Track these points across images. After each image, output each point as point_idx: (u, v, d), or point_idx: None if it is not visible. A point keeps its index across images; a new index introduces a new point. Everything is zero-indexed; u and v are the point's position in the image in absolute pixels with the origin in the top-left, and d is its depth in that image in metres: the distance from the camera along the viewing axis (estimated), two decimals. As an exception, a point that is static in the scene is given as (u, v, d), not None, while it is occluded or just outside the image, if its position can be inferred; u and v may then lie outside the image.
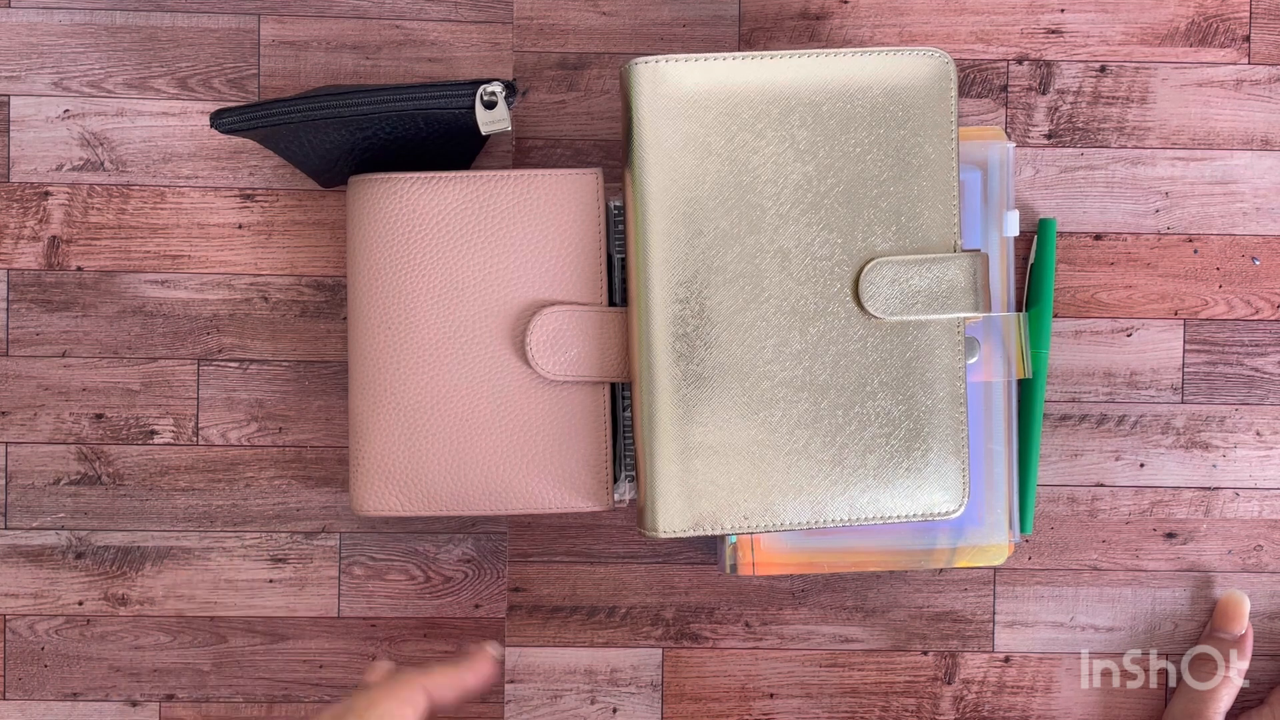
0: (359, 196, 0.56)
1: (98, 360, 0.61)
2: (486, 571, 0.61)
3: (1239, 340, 0.62)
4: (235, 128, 0.54)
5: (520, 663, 0.61)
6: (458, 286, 0.56)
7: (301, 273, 0.61)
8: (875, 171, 0.54)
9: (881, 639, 0.62)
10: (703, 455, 0.54)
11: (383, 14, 0.61)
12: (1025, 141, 0.62)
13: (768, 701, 0.62)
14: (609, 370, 0.56)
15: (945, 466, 0.55)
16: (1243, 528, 0.62)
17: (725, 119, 0.53)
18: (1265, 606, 0.62)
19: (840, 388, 0.54)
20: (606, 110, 0.61)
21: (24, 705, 0.61)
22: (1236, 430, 0.62)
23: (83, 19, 0.61)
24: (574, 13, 0.61)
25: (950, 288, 0.54)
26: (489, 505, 0.56)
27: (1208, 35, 0.62)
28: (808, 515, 0.54)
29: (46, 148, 0.60)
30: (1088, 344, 0.62)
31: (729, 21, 0.61)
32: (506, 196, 0.56)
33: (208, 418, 0.61)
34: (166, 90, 0.61)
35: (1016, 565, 0.62)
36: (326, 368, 0.61)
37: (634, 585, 0.62)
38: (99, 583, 0.61)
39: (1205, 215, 0.62)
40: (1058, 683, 0.62)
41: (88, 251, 0.61)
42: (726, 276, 0.54)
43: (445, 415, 0.56)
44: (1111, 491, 0.62)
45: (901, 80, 0.54)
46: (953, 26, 0.62)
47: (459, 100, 0.54)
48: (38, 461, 0.61)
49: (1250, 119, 0.62)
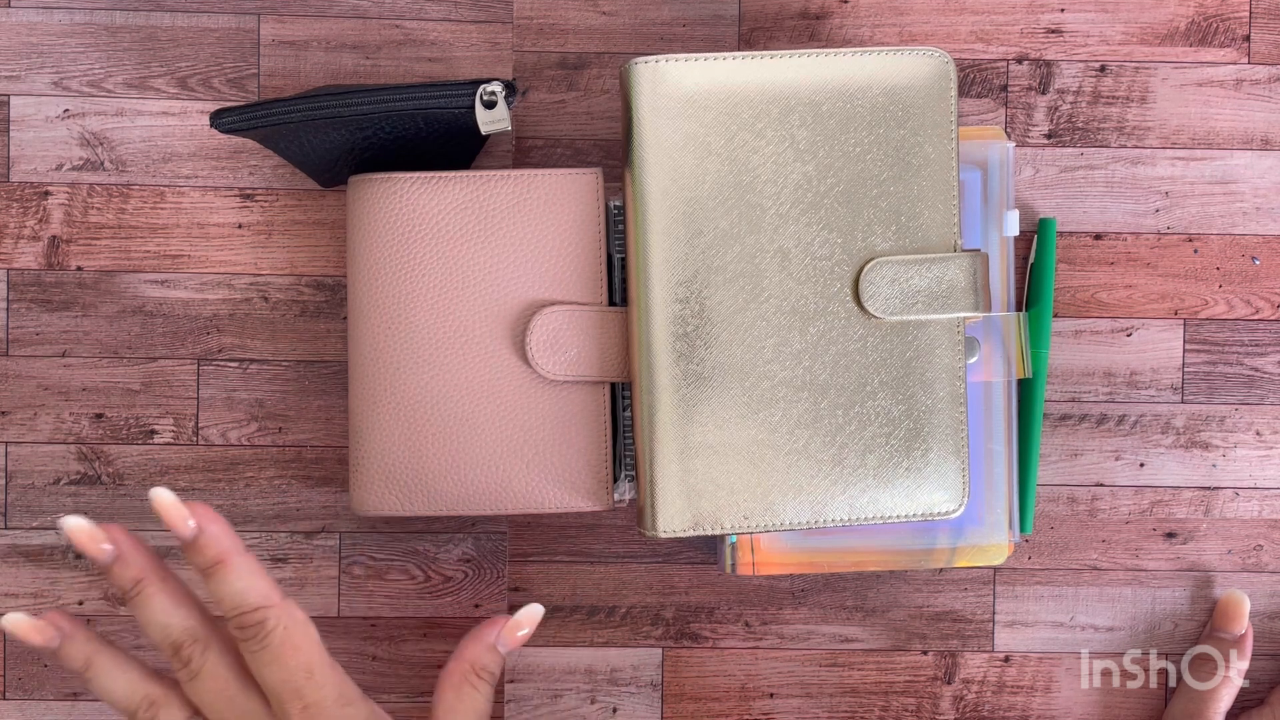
0: (359, 196, 0.56)
1: (98, 360, 0.61)
2: (486, 571, 0.61)
3: (1239, 340, 0.62)
4: (235, 128, 0.54)
5: (520, 662, 0.62)
6: (458, 286, 0.56)
7: (301, 272, 0.61)
8: (875, 171, 0.54)
9: (881, 639, 0.62)
10: (703, 455, 0.54)
11: (383, 14, 0.61)
12: (1025, 141, 0.62)
13: (768, 701, 0.62)
14: (609, 370, 0.56)
15: (945, 466, 0.55)
16: (1243, 527, 0.62)
17: (725, 119, 0.53)
18: (1265, 606, 0.62)
19: (840, 387, 0.54)
20: (606, 110, 0.61)
21: (24, 705, 0.61)
22: (1236, 430, 0.62)
23: (83, 19, 0.61)
24: (574, 13, 0.61)
25: (950, 287, 0.54)
26: (489, 505, 0.56)
27: (1208, 35, 0.62)
28: (808, 515, 0.54)
29: (46, 147, 0.60)
30: (1088, 344, 0.62)
31: (729, 21, 0.61)
32: (506, 196, 0.56)
33: (208, 417, 0.61)
34: (166, 90, 0.61)
35: (1016, 565, 0.62)
36: (326, 368, 0.61)
37: (634, 585, 0.62)
38: (99, 582, 0.61)
39: (1205, 215, 0.62)
40: (1058, 683, 0.62)
41: (88, 251, 0.61)
42: (726, 276, 0.54)
43: (445, 415, 0.56)
44: (1111, 491, 0.62)
45: (901, 80, 0.54)
46: (953, 26, 0.62)
47: (459, 100, 0.54)
48: (38, 461, 0.61)
49: (1250, 119, 0.62)
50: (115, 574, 0.46)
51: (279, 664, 0.45)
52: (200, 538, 0.46)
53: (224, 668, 0.46)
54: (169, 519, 0.45)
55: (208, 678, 0.46)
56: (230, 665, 0.46)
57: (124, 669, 0.47)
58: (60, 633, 0.47)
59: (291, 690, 0.45)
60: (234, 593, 0.45)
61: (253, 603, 0.45)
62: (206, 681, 0.46)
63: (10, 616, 0.46)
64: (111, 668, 0.47)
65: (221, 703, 0.46)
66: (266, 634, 0.45)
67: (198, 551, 0.46)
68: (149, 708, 0.46)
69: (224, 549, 0.46)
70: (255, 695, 0.46)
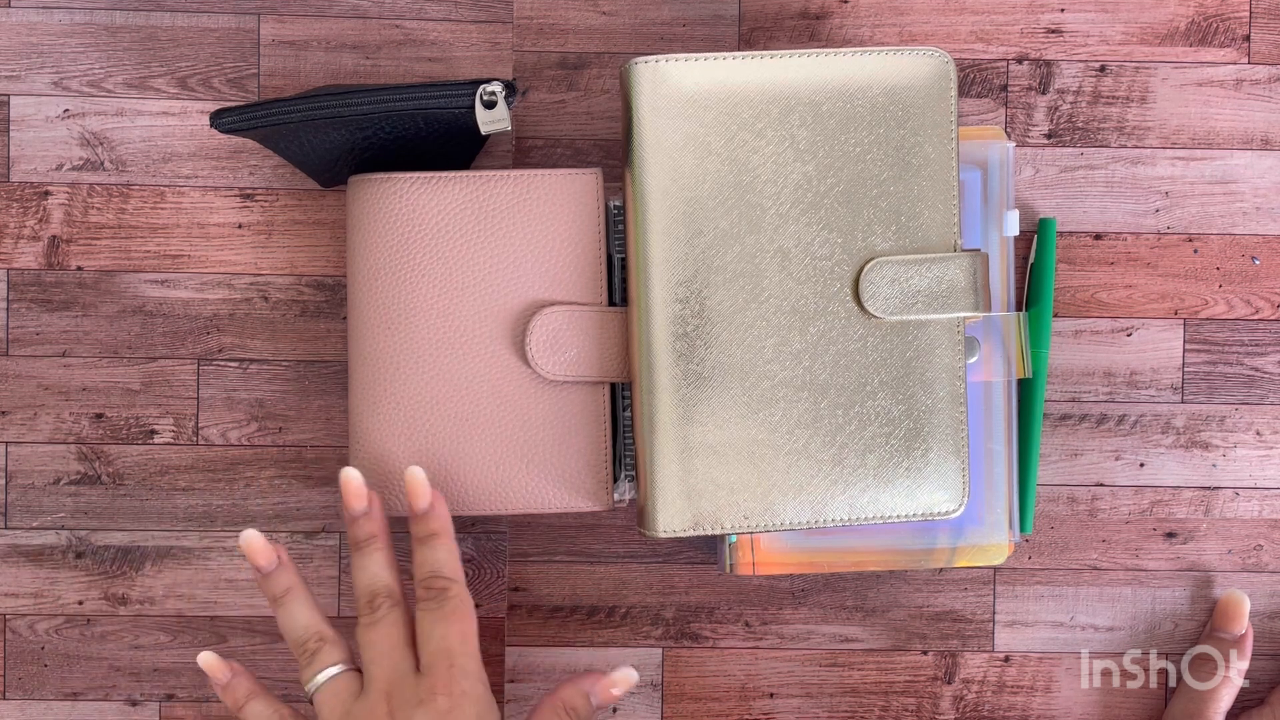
0: (359, 196, 0.56)
1: (98, 360, 0.61)
2: (486, 571, 0.61)
3: (1239, 340, 0.62)
4: (235, 127, 0.54)
5: (520, 662, 0.62)
6: (457, 286, 0.56)
7: (301, 272, 0.61)
8: (875, 171, 0.54)
9: (881, 639, 0.62)
10: (703, 455, 0.54)
11: (383, 14, 0.61)
12: (1025, 141, 0.62)
13: (768, 701, 0.62)
14: (609, 370, 0.56)
15: (945, 466, 0.55)
16: (1243, 527, 0.62)
17: (725, 119, 0.53)
18: (1265, 606, 0.62)
19: (840, 387, 0.54)
20: (606, 110, 0.61)
21: (24, 705, 0.61)
22: (1236, 430, 0.62)
23: (82, 19, 0.61)
24: (574, 12, 0.61)
25: (950, 287, 0.54)
26: (489, 505, 0.56)
27: (1208, 35, 0.62)
28: (808, 515, 0.54)
29: (46, 147, 0.60)
30: (1088, 344, 0.62)
31: (729, 21, 0.61)
32: (506, 196, 0.56)
33: (208, 417, 0.61)
34: (166, 90, 0.61)
35: (1016, 565, 0.62)
36: (326, 368, 0.61)
37: (634, 585, 0.62)
38: (99, 582, 0.61)
39: (1205, 215, 0.62)
40: (1058, 682, 0.62)
41: (88, 251, 0.61)
42: (726, 276, 0.54)
43: (445, 415, 0.56)
44: (1111, 491, 0.62)
45: (901, 80, 0.54)
46: (953, 26, 0.62)
47: (459, 100, 0.54)
48: (38, 461, 0.61)
49: (1250, 119, 0.62)
50: (359, 524, 0.54)
51: (444, 625, 0.52)
52: (431, 511, 0.54)
53: (399, 626, 0.53)
54: (413, 490, 0.54)
55: (384, 626, 0.53)
56: (404, 627, 0.53)
57: (311, 608, 0.54)
58: (279, 561, 0.54)
59: (445, 650, 0.52)
60: (436, 560, 0.53)
61: (446, 573, 0.53)
62: (381, 629, 0.53)
63: (247, 532, 0.53)
64: (302, 602, 0.54)
65: (383, 650, 0.52)
66: (447, 599, 0.52)
67: (424, 522, 0.54)
68: (317, 641, 0.53)
69: (443, 526, 0.54)
70: (410, 657, 0.52)
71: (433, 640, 0.52)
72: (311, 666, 0.53)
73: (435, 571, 0.53)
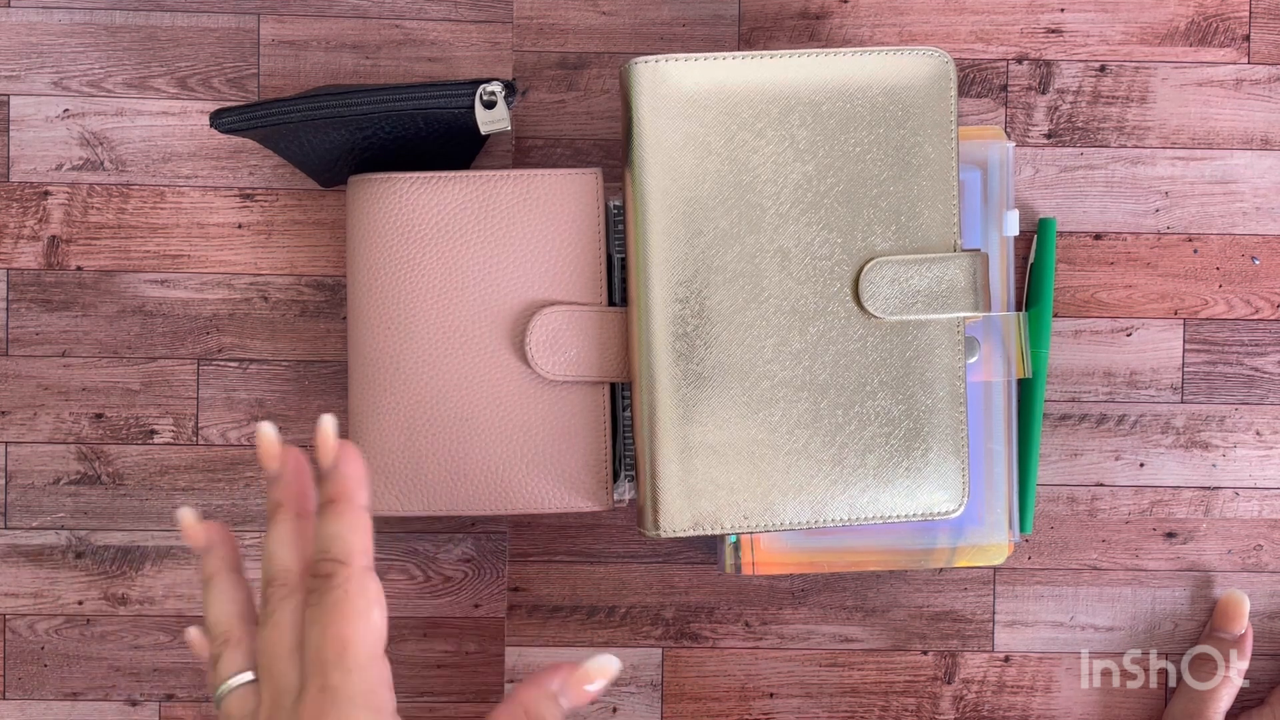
0: (359, 196, 0.56)
1: (98, 360, 0.61)
2: (486, 571, 0.61)
3: (1239, 340, 0.62)
4: (235, 127, 0.54)
5: (520, 662, 0.61)
6: (457, 286, 0.56)
7: (301, 272, 0.61)
8: (875, 171, 0.54)
9: (881, 639, 0.62)
10: (702, 455, 0.54)
11: (383, 14, 0.61)
12: (1025, 141, 0.62)
13: (768, 701, 0.62)
14: (609, 370, 0.56)
15: (945, 466, 0.55)
16: (1243, 527, 0.62)
17: (725, 118, 0.53)
18: (1265, 606, 0.62)
19: (840, 387, 0.54)
20: (606, 110, 0.61)
21: (24, 705, 0.61)
22: (1236, 430, 0.62)
23: (82, 18, 0.61)
24: (574, 12, 0.61)
25: (950, 287, 0.54)
26: (489, 505, 0.56)
27: (1207, 35, 0.62)
28: (808, 515, 0.54)
29: (46, 147, 0.60)
30: (1088, 344, 0.62)
31: (729, 21, 0.61)
32: (506, 196, 0.56)
33: (208, 417, 0.61)
34: (166, 90, 0.61)
35: (1016, 565, 0.62)
36: (326, 368, 0.61)
37: (634, 585, 0.62)
38: (99, 582, 0.61)
39: (1205, 215, 0.62)
40: (1058, 682, 0.62)
41: (88, 251, 0.61)
42: (726, 276, 0.54)
43: (445, 415, 0.56)
44: (1111, 491, 0.62)
45: (901, 80, 0.54)
46: (953, 26, 0.62)
47: (459, 100, 0.54)
48: (38, 461, 0.61)
49: (1250, 119, 0.62)
50: (268, 491, 0.45)
51: (320, 626, 0.41)
52: (335, 470, 0.43)
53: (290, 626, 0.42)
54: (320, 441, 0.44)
55: (274, 626, 0.42)
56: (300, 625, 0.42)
57: (230, 600, 0.44)
58: (210, 543, 0.45)
59: (319, 663, 0.40)
60: (326, 535, 0.42)
61: (334, 553, 0.42)
62: (269, 629, 0.42)
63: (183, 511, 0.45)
64: (221, 593, 0.44)
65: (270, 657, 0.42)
66: (328, 590, 0.41)
67: (326, 483, 0.43)
68: (219, 644, 0.43)
69: (345, 492, 0.43)
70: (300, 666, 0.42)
71: (309, 648, 0.41)
72: (213, 674, 0.43)
73: (323, 550, 0.42)
